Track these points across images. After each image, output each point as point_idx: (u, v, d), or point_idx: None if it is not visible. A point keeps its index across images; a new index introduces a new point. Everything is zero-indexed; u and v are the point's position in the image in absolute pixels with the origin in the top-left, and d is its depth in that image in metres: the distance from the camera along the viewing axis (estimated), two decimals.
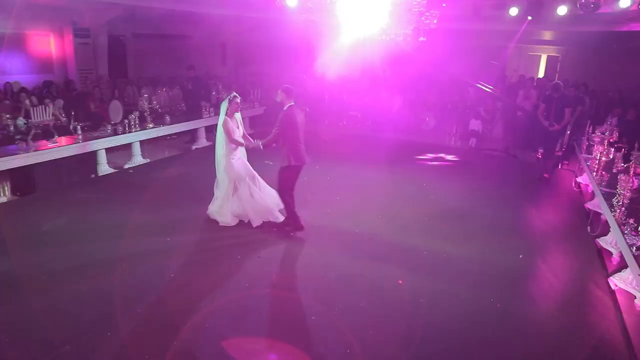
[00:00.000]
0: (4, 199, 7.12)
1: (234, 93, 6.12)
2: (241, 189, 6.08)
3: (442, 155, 10.79)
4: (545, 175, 8.73)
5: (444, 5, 13.25)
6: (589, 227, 6.48)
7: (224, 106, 6.00)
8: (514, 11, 12.59)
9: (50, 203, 6.98)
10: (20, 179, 7.40)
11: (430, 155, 10.63)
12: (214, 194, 6.33)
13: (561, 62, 18.03)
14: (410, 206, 7.18)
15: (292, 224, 6.03)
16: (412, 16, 8.08)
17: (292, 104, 5.78)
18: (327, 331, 4.04)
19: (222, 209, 6.17)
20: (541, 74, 18.18)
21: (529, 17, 12.55)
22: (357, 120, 13.90)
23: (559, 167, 9.10)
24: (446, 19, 13.52)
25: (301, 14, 12.69)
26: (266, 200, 6.19)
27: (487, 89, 12.35)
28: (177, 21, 15.13)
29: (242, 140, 6.11)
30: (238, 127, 6.08)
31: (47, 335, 3.87)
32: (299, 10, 12.63)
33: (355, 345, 3.83)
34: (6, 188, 7.28)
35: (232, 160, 6.05)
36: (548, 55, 18.49)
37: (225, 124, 5.92)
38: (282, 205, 6.17)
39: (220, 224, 6.14)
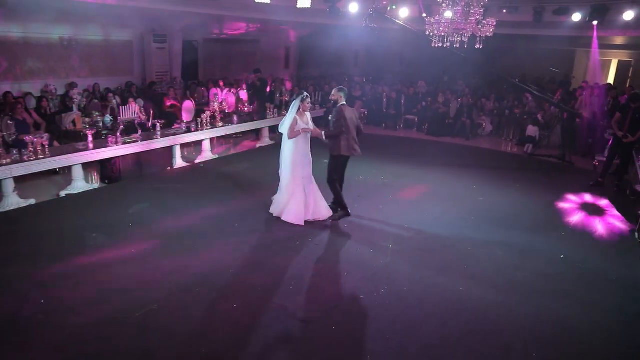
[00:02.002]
0: (95, 186, 8.12)
1: (306, 93, 6.56)
2: (300, 186, 6.61)
3: (495, 160, 10.95)
4: (600, 179, 8.74)
5: (504, 11, 13.44)
6: (637, 233, 6.57)
7: (295, 105, 6.46)
8: (577, 17, 12.49)
9: (134, 190, 7.88)
10: (109, 168, 8.40)
11: (484, 160, 10.80)
12: (278, 188, 6.93)
13: (634, 67, 17.36)
14: (457, 206, 7.49)
15: (340, 211, 6.55)
16: (469, 25, 8.33)
17: (344, 103, 6.38)
18: (371, 309, 4.52)
19: (282, 202, 6.76)
20: (611, 80, 17.68)
21: (594, 22, 12.41)
22: (413, 124, 14.22)
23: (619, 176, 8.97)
24: (506, 26, 13.61)
25: (362, 20, 13.20)
26: (319, 200, 6.73)
27: (545, 96, 12.32)
28: (245, 27, 16.10)
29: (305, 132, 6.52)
30: (307, 124, 6.56)
31: (141, 295, 4.61)
32: (360, 17, 13.16)
33: (395, 322, 4.32)
34: (94, 177, 8.34)
35: (295, 158, 6.55)
36: (619, 60, 17.86)
37: (293, 121, 6.38)
38: (326, 215, 6.72)
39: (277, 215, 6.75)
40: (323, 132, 6.53)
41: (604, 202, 7.99)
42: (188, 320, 4.28)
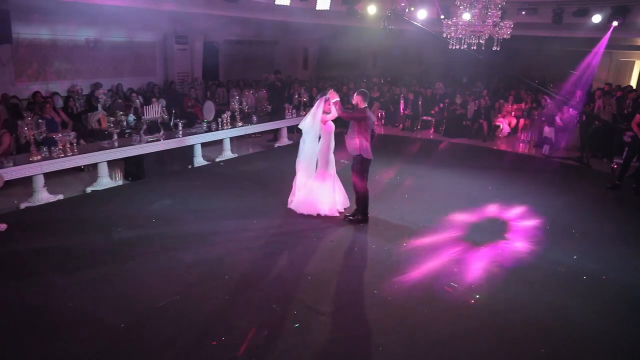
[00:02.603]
0: (119, 182, 8.42)
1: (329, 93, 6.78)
2: (331, 181, 6.85)
3: (512, 161, 10.98)
4: (617, 182, 8.73)
5: (522, 13, 13.44)
6: None
7: (320, 103, 6.69)
8: (597, 18, 12.45)
9: (157, 187, 8.16)
10: (132, 166, 8.70)
11: (500, 162, 10.84)
12: (295, 185, 7.12)
13: None
14: (473, 207, 7.58)
15: (361, 214, 6.71)
16: (486, 28, 8.40)
17: (366, 106, 6.48)
18: (384, 304, 4.67)
19: (301, 198, 6.96)
20: (634, 81, 17.47)
21: (615, 23, 12.35)
22: (430, 125, 14.28)
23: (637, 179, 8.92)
24: (525, 27, 13.59)
25: (380, 21, 13.32)
26: (337, 196, 6.96)
27: (564, 98, 12.28)
28: (264, 29, 16.34)
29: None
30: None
31: (164, 286, 4.84)
32: (378, 18, 13.28)
33: (406, 316, 4.47)
34: (118, 174, 8.65)
35: (326, 157, 6.78)
36: None
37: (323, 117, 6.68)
38: (348, 204, 7.02)
39: (298, 212, 6.95)
40: (335, 100, 6.53)
41: (620, 204, 8.00)
42: (208, 310, 4.48)
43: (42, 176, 7.24)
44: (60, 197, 7.47)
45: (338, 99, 6.57)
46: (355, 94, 6.60)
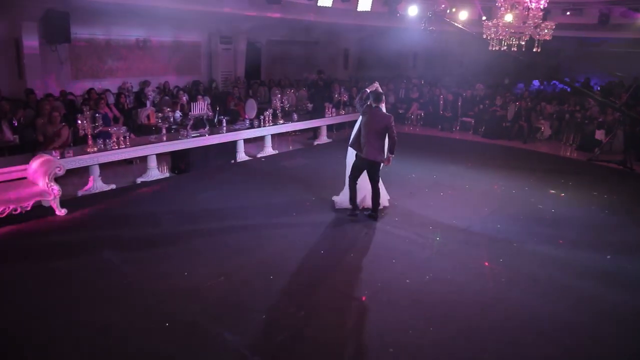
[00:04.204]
0: (166, 175, 8.90)
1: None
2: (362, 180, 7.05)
3: (552, 163, 10.86)
4: None
5: (567, 13, 13.25)
6: None
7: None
8: None
9: (202, 180, 8.58)
10: (179, 160, 9.16)
11: (540, 164, 10.74)
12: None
13: None
14: (507, 206, 7.64)
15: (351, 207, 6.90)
16: (527, 28, 8.42)
17: (377, 106, 6.56)
18: (415, 293, 4.87)
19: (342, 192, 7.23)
20: None
21: None
22: (469, 126, 14.24)
23: None
24: (570, 28, 13.39)
25: (421, 22, 13.42)
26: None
27: (606, 100, 12.04)
28: (306, 29, 16.68)
29: None
30: None
31: (210, 269, 5.19)
32: (419, 19, 13.38)
33: (436, 305, 4.66)
34: (166, 167, 9.15)
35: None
36: None
37: None
38: (388, 196, 7.21)
39: (336, 206, 7.21)
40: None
41: None
42: (250, 292, 4.80)
43: (98, 166, 7.76)
44: (113, 186, 7.99)
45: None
46: (367, 93, 6.76)
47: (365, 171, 6.74)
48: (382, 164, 6.68)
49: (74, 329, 4.14)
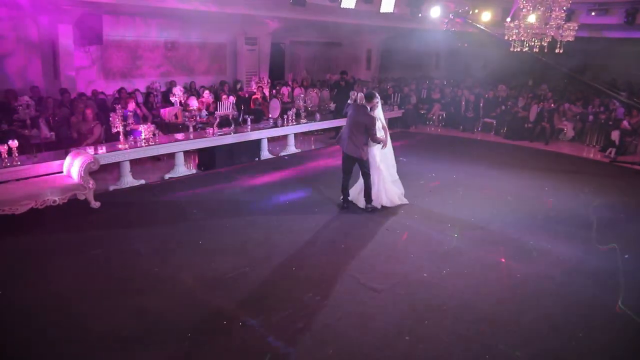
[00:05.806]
0: (193, 171, 9.23)
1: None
2: (373, 175, 7.26)
3: (574, 165, 10.82)
4: None
5: (592, 14, 13.16)
6: None
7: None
8: None
9: (226, 177, 8.89)
10: (205, 157, 9.48)
11: (561, 165, 10.72)
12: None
13: None
14: (527, 205, 7.70)
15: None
16: (549, 29, 8.46)
17: (363, 104, 6.88)
18: (432, 286, 5.04)
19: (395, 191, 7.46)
20: None
21: None
22: (491, 127, 14.24)
23: None
24: (595, 29, 13.30)
25: (443, 24, 13.51)
26: (390, 189, 7.35)
27: (634, 101, 11.92)
28: (328, 30, 16.89)
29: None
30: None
31: (235, 260, 5.44)
32: (441, 21, 13.47)
33: (452, 297, 4.82)
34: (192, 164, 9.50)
35: (367, 149, 7.19)
36: None
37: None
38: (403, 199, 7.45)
39: (360, 205, 7.38)
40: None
41: None
42: (273, 282, 5.05)
43: (128, 163, 8.11)
44: (142, 182, 8.33)
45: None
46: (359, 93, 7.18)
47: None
48: (366, 160, 6.99)
49: (105, 314, 4.42)
